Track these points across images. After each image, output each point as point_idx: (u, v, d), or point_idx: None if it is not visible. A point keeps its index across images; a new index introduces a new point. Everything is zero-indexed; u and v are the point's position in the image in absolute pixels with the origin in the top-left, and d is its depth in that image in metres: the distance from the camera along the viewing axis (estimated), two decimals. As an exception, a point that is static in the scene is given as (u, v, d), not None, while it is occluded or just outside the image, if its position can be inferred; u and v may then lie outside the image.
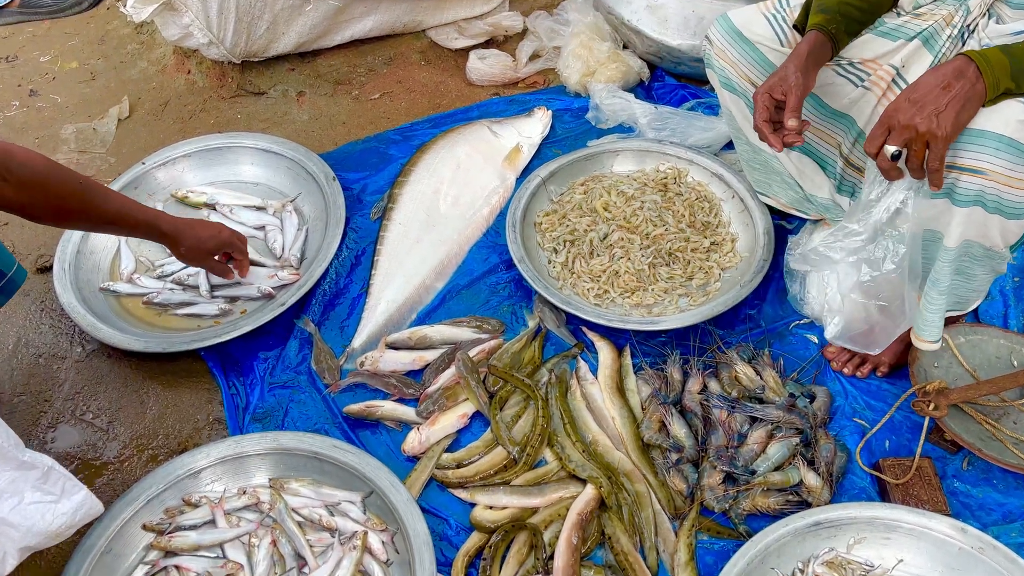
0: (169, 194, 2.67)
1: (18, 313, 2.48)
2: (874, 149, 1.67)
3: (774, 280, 2.33)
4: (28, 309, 2.49)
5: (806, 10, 1.94)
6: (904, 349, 2.08)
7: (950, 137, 1.58)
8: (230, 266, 2.32)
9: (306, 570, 1.86)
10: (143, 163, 2.69)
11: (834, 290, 1.88)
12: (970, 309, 2.01)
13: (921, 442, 1.91)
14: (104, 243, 2.55)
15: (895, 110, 1.62)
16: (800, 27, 1.96)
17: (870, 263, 1.79)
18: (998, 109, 1.60)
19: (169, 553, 1.89)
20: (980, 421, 1.99)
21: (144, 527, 1.92)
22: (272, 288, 2.35)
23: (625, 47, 2.96)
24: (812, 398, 2.07)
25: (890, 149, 1.64)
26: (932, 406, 1.91)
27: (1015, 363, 2.10)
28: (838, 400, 2.09)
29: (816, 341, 2.22)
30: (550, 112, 2.82)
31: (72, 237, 2.51)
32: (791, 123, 1.80)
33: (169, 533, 1.90)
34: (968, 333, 2.14)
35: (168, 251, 2.21)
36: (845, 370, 2.14)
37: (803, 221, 2.34)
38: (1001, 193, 1.62)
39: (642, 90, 2.93)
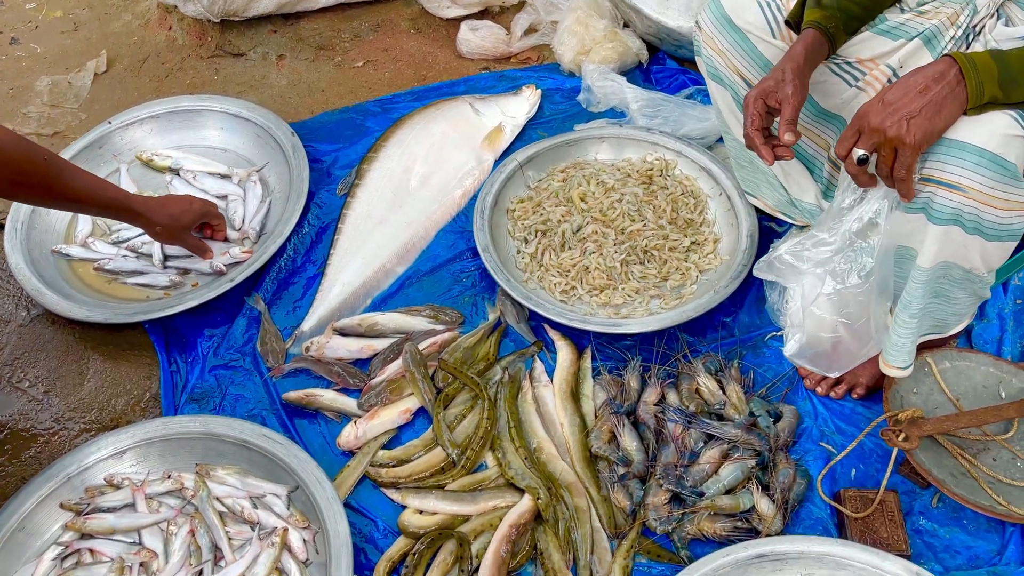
0: (134, 156, 2.61)
1: (-32, 271, 2.44)
2: (844, 152, 1.56)
3: (753, 287, 2.22)
4: (-23, 268, 2.45)
5: (802, 3, 1.82)
6: (883, 371, 1.97)
7: (920, 145, 1.47)
8: (205, 242, 2.28)
9: (222, 563, 1.80)
10: (109, 122, 2.64)
11: (797, 303, 1.77)
12: (952, 333, 1.89)
13: (887, 475, 1.81)
14: (62, 203, 2.49)
15: (866, 112, 1.51)
16: (794, 22, 1.84)
17: (835, 275, 1.68)
18: (983, 120, 1.48)
19: (85, 535, 1.84)
20: (956, 455, 1.88)
21: (62, 506, 1.88)
22: (224, 264, 2.28)
23: (626, 26, 2.84)
24: (778, 417, 1.97)
25: (857, 153, 1.52)
26: (902, 436, 1.80)
27: (1003, 394, 1.98)
28: (806, 421, 1.98)
29: (791, 355, 2.11)
30: (539, 91, 2.72)
31: (29, 195, 2.45)
32: (787, 137, 1.69)
33: (87, 514, 1.85)
34: (955, 358, 2.02)
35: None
36: (818, 389, 2.04)
37: (791, 226, 2.23)
38: (981, 213, 1.50)
39: (640, 73, 2.81)
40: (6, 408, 2.15)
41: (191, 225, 2.21)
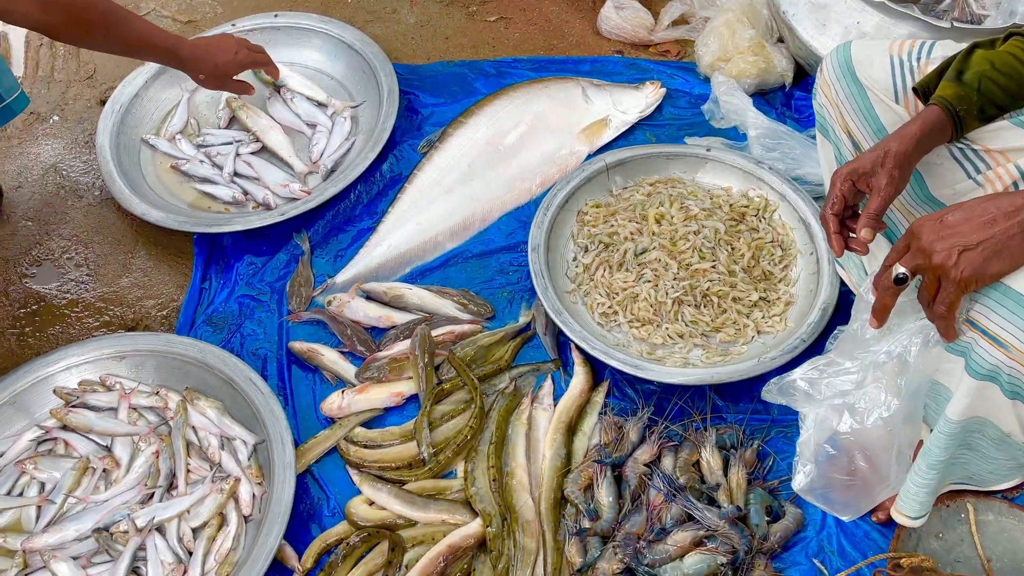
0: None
1: (66, 139, 2.60)
2: (889, 263, 1.40)
3: (807, 366, 2.04)
4: (76, 138, 2.61)
5: (939, 74, 1.61)
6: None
7: (966, 284, 1.29)
8: (247, 83, 2.40)
9: (174, 492, 1.87)
10: (232, 24, 2.71)
11: (809, 433, 1.62)
12: (992, 488, 1.69)
13: (867, 620, 1.65)
14: (165, 95, 2.61)
15: (920, 227, 1.33)
16: (922, 90, 1.64)
17: (853, 412, 1.52)
18: None
19: (66, 427, 1.95)
20: (959, 621, 1.69)
21: (55, 392, 1.99)
22: (281, 197, 2.33)
23: (781, 40, 2.64)
24: (776, 517, 1.83)
25: (897, 270, 1.35)
26: (898, 584, 1.63)
27: (1047, 570, 1.76)
28: (808, 531, 1.83)
29: (823, 453, 1.94)
30: (663, 90, 2.58)
31: (136, 79, 2.58)
32: (863, 234, 1.51)
33: (73, 407, 1.95)
34: (1003, 513, 1.80)
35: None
36: (837, 499, 1.87)
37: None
38: None
39: (782, 95, 2.61)
40: (49, 280, 2.29)
41: (234, 73, 2.31)
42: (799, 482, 1.70)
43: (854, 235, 1.55)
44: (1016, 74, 1.51)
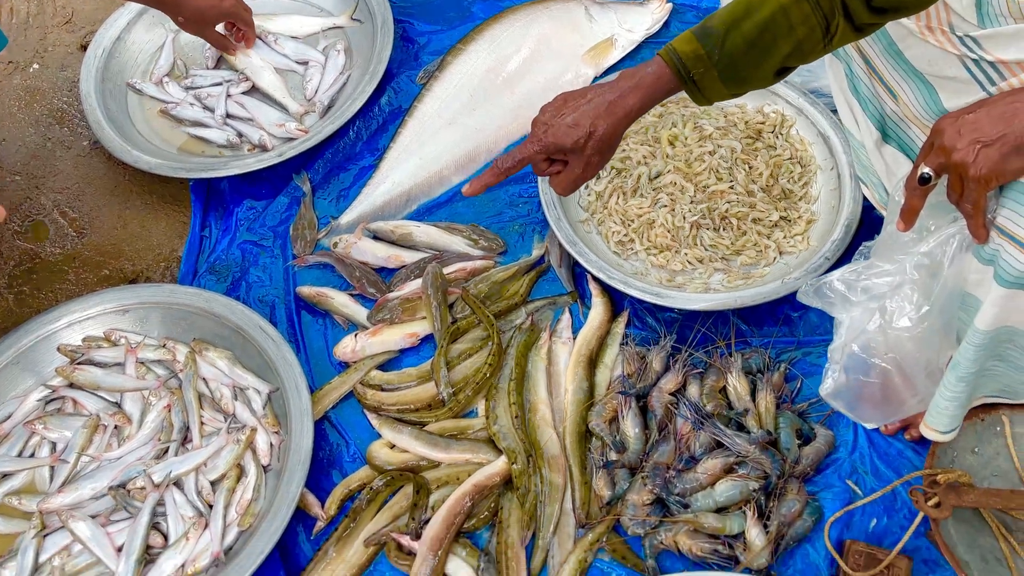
0: None
1: (49, 87, 2.57)
2: (917, 162, 1.39)
3: (832, 285, 2.04)
4: (59, 86, 2.57)
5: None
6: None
7: (987, 181, 1.28)
8: (231, 39, 2.42)
9: (189, 446, 1.88)
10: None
11: (842, 337, 1.62)
12: (1028, 400, 1.70)
13: (905, 539, 1.66)
14: (149, 36, 2.57)
15: (942, 127, 1.32)
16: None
17: (884, 313, 1.52)
18: None
19: (73, 385, 1.95)
20: (997, 535, 1.71)
21: (60, 349, 1.99)
22: (278, 137, 2.31)
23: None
24: (807, 440, 1.84)
25: (922, 170, 1.35)
26: (934, 501, 1.65)
27: (1086, 479, 1.78)
28: (840, 452, 1.85)
29: (852, 373, 1.95)
30: (669, 6, 2.54)
31: (117, 21, 2.55)
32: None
33: (79, 364, 1.96)
34: (1040, 423, 1.82)
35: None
36: (869, 419, 1.88)
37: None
38: None
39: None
40: (43, 236, 2.29)
41: (216, 21, 2.33)
42: (827, 387, 1.70)
43: None
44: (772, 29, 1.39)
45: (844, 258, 1.97)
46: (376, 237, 2.17)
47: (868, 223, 2.06)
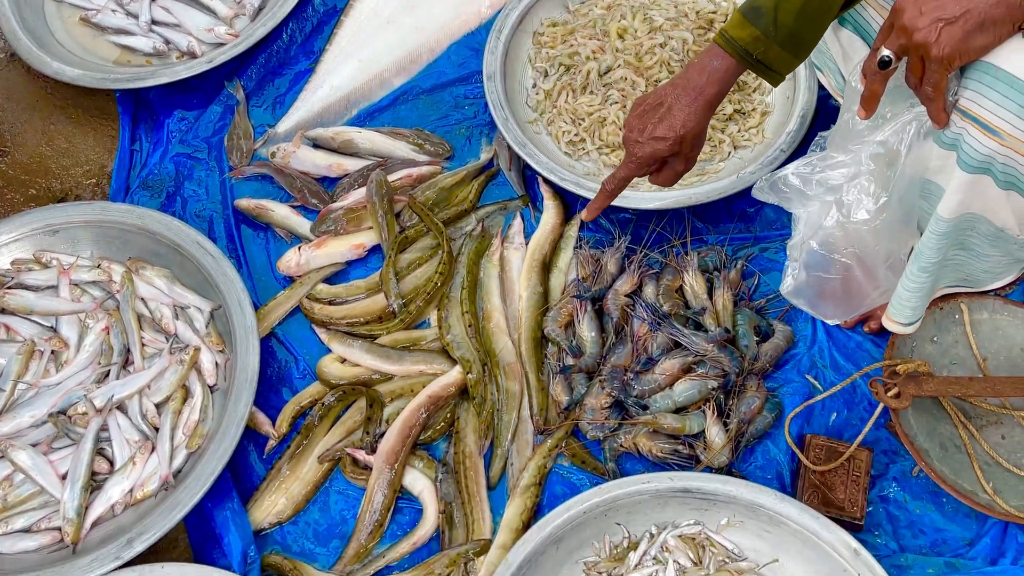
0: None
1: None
2: (876, 45, 1.34)
3: (789, 178, 2.01)
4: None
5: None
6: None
7: (949, 61, 1.24)
8: None
9: (131, 368, 1.82)
10: None
11: (800, 233, 1.59)
12: (987, 288, 1.69)
13: (865, 431, 1.67)
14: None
15: (902, 5, 1.27)
16: None
17: (841, 206, 1.49)
18: None
19: (4, 310, 1.88)
20: (956, 423, 1.72)
21: (-13, 273, 1.92)
22: (207, 43, 2.21)
23: None
24: (766, 337, 1.83)
25: (881, 52, 1.30)
26: (893, 392, 1.65)
27: (1043, 364, 1.79)
28: (799, 347, 1.84)
29: (810, 267, 1.94)
30: None
31: (26, -78, 2.39)
32: None
33: (8, 288, 1.88)
34: (996, 310, 1.82)
35: None
36: (827, 313, 1.87)
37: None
38: (1019, 167, 1.28)
39: None
40: (-37, 157, 2.18)
41: None
42: (787, 286, 1.68)
43: None
44: None
45: (800, 150, 1.94)
46: (316, 145, 2.10)
47: (825, 112, 2.02)
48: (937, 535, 1.68)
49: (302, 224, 1.99)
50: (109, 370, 1.81)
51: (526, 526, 1.65)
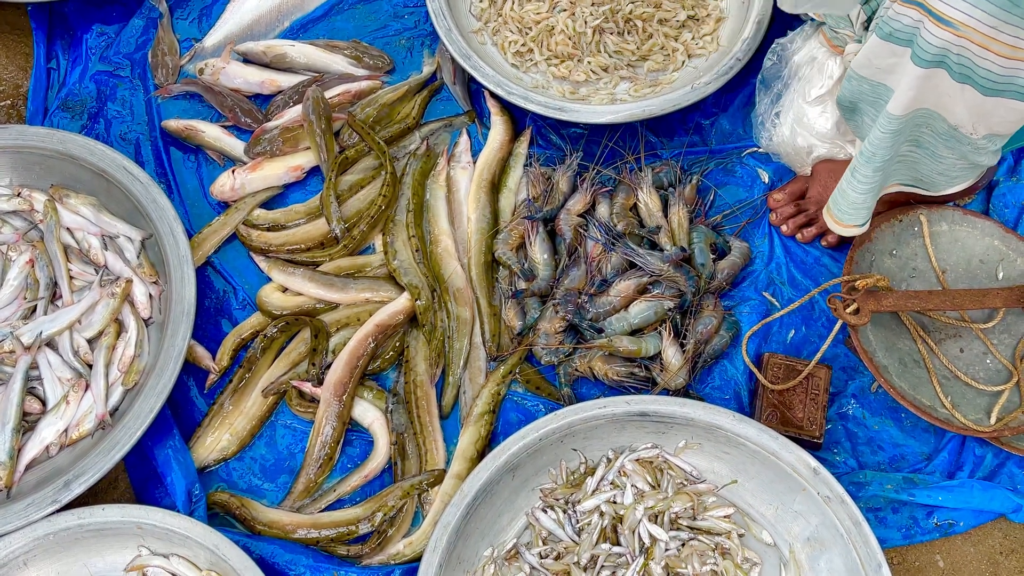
0: None
1: None
2: None
3: (744, 89, 2.00)
4: None
5: None
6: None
7: None
8: None
9: (59, 303, 1.77)
10: None
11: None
12: (944, 192, 1.70)
13: (823, 348, 1.68)
14: None
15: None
16: None
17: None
18: None
19: (-84, 246, 1.81)
20: (915, 337, 1.74)
21: None
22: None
23: None
24: (723, 254, 1.82)
25: None
26: (852, 308, 1.65)
27: (1000, 275, 1.81)
28: (756, 264, 1.84)
29: (766, 180, 1.93)
30: None
31: None
32: None
33: (-80, 221, 1.81)
34: (956, 221, 1.83)
35: None
36: (785, 227, 1.87)
37: (803, 23, 1.95)
38: (974, 58, 1.30)
39: None
40: None
41: None
42: (764, 140, 1.83)
43: None
44: None
45: (757, 57, 1.91)
46: (247, 60, 2.03)
47: (781, 19, 1.98)
48: (896, 451, 1.71)
49: (235, 145, 1.92)
50: (36, 305, 1.75)
51: (481, 455, 1.65)
